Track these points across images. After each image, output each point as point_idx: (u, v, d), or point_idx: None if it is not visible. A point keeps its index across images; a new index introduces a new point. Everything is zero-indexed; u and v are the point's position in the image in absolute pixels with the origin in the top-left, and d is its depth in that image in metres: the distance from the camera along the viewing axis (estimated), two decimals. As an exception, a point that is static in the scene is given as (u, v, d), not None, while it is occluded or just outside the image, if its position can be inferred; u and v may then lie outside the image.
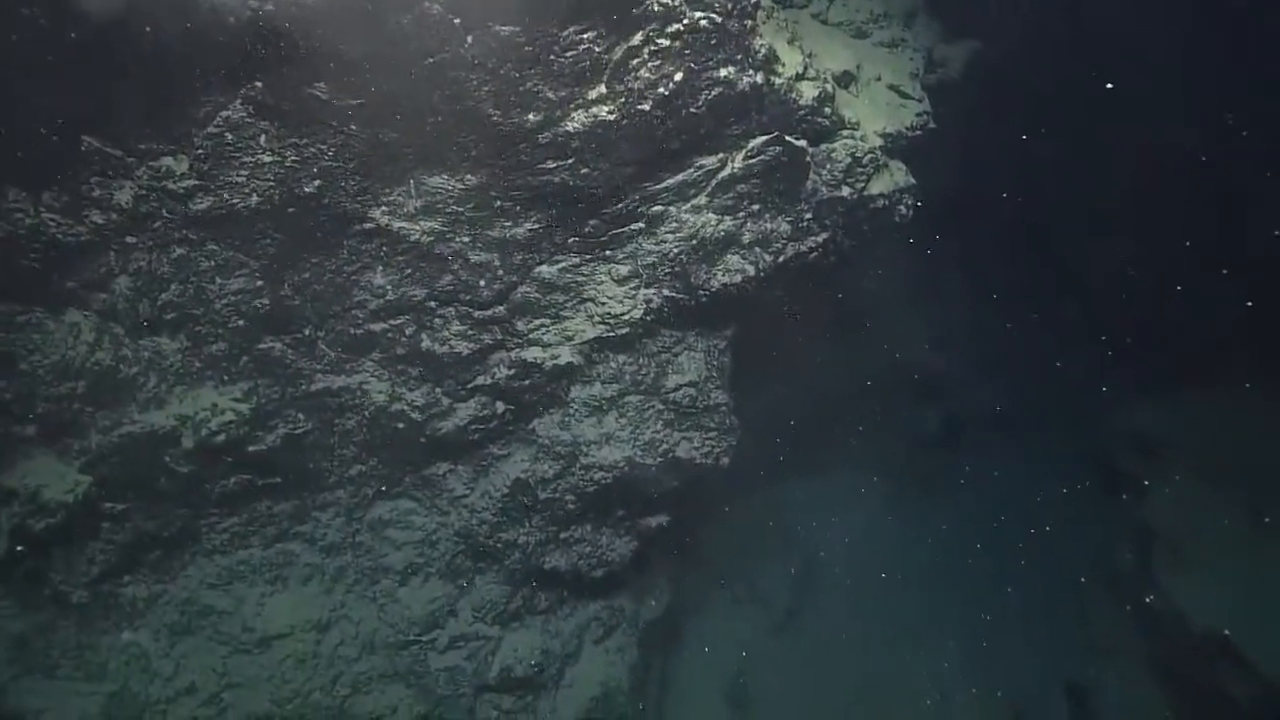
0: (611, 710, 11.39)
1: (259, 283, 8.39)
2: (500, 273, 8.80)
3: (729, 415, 10.07)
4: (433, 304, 8.96)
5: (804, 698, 13.42)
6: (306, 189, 7.86)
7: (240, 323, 8.54)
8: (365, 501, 10.25)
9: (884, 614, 14.56)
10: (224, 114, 7.28)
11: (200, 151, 7.44)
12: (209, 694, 9.64)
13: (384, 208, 8.29)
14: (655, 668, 12.63)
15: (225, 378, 8.88)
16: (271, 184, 7.71)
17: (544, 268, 8.95)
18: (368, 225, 8.33)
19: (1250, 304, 13.64)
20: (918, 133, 9.55)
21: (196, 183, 7.57)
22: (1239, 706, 11.76)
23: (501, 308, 9.06)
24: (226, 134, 7.36)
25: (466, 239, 8.59)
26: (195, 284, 8.18)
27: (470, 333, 9.17)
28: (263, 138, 7.44)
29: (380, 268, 8.59)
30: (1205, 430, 14.75)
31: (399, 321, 8.97)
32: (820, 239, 9.18)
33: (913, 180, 9.60)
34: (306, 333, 8.88)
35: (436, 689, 10.56)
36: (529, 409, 9.82)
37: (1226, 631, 12.09)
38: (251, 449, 9.26)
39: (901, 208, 9.48)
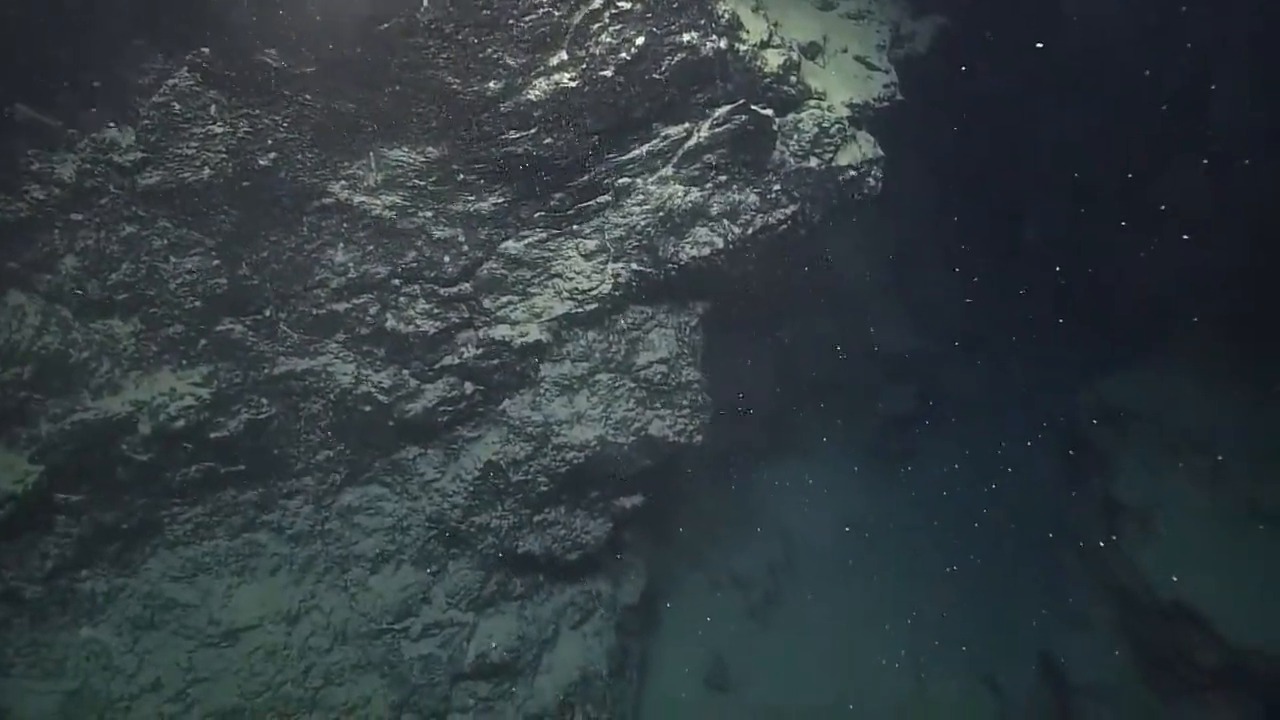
0: (590, 694, 11.13)
1: (215, 262, 8.00)
2: (465, 248, 8.48)
3: (701, 393, 9.84)
4: (396, 282, 8.62)
5: (784, 678, 13.27)
6: (261, 162, 7.49)
7: (197, 304, 8.14)
8: (333, 488, 9.89)
9: (861, 592, 14.51)
10: (170, 82, 6.89)
11: (146, 122, 7.04)
12: (175, 690, 9.23)
13: (343, 182, 7.94)
14: (634, 652, 12.38)
15: (183, 361, 8.47)
16: (224, 156, 7.33)
17: (510, 243, 8.64)
18: (327, 200, 7.98)
19: (1213, 276, 13.76)
20: (885, 104, 9.38)
21: (144, 155, 7.17)
22: (1203, 669, 11.82)
23: (467, 285, 8.74)
24: (174, 103, 6.97)
25: (429, 214, 8.26)
26: (147, 263, 7.76)
27: (436, 311, 8.84)
28: (213, 107, 7.06)
29: (341, 245, 8.24)
30: (1168, 401, 14.78)
31: (362, 300, 8.62)
32: (789, 211, 8.97)
33: (881, 152, 9.42)
34: (267, 314, 8.50)
35: (411, 678, 10.23)
36: (499, 389, 9.51)
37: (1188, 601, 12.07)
38: (213, 435, 8.87)
39: (870, 179, 9.30)
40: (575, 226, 8.69)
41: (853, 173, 9.07)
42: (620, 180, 8.46)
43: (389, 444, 9.75)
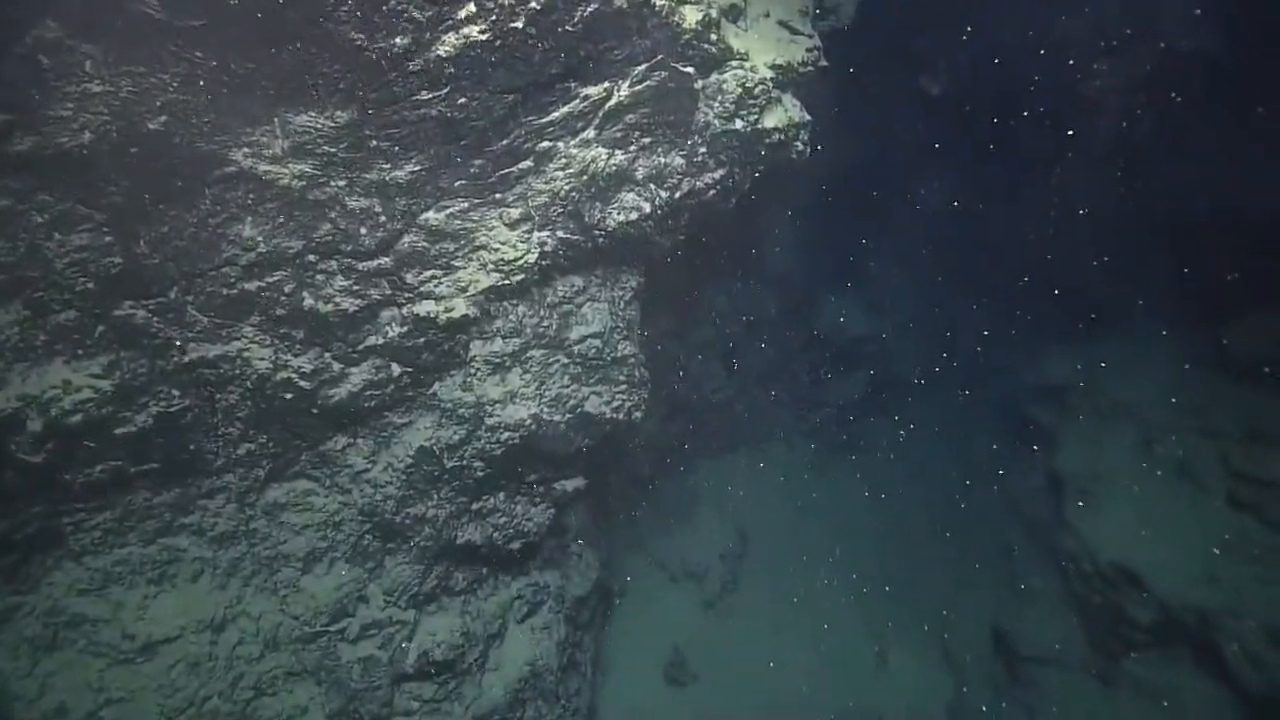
0: (542, 690, 10.37)
1: (108, 238, 7.15)
2: (382, 220, 7.80)
3: (638, 368, 9.28)
4: (312, 257, 7.87)
5: (744, 668, 12.70)
6: (151, 126, 6.72)
7: (89, 286, 7.27)
8: (257, 484, 9.00)
9: (816, 578, 14.09)
10: (33, 33, 6.11)
11: (11, 79, 6.22)
12: (84, 713, 8.20)
13: (246, 149, 7.20)
14: (588, 647, 11.64)
15: (79, 351, 7.56)
16: (106, 119, 6.54)
17: (430, 214, 7.99)
18: (229, 169, 7.23)
19: (1150, 254, 14.00)
20: (809, 69, 9.04)
21: (9, 118, 6.33)
22: (1140, 627, 11.84)
23: (387, 259, 8.05)
24: (40, 57, 6.18)
25: (342, 183, 7.57)
26: (27, 241, 6.89)
27: (356, 288, 8.11)
28: (88, 63, 6.29)
29: (249, 218, 7.48)
30: (1103, 375, 15.02)
31: (276, 278, 7.84)
32: (717, 175, 8.52)
33: (807, 116, 9.06)
34: (172, 296, 7.66)
35: (350, 683, 9.34)
36: (428, 370, 8.80)
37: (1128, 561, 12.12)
38: (119, 431, 7.95)
39: (798, 144, 8.93)
40: (498, 195, 8.09)
41: (779, 136, 8.68)
42: (541, 144, 7.91)
43: (315, 434, 8.93)
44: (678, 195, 8.38)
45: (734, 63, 8.40)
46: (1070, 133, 13.88)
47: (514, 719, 10.15)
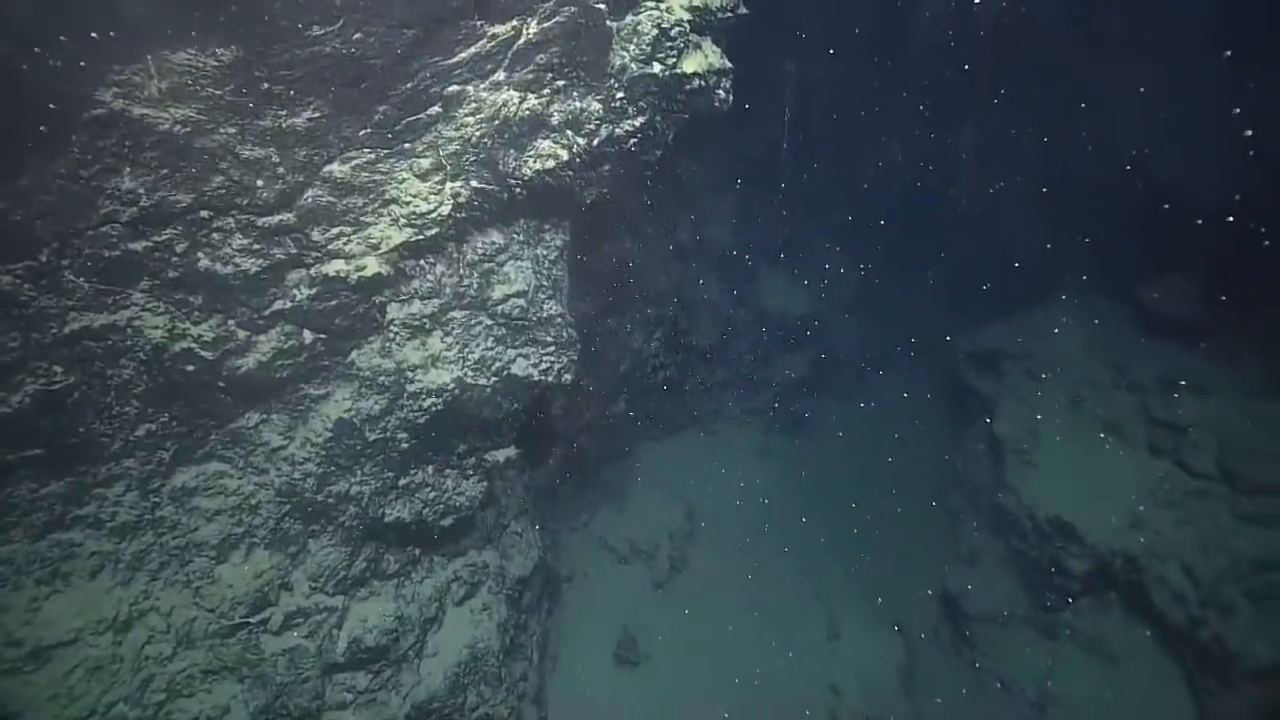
0: (484, 674, 9.57)
1: (-42, 193, 6.22)
2: (281, 171, 7.00)
3: (566, 328, 8.61)
4: (204, 213, 7.01)
5: (696, 647, 12.09)
6: (-1, 61, 5.83)
7: (-59, 248, 6.32)
8: (162, 468, 8.03)
9: (766, 555, 13.65)
10: None
11: None
12: (-36, 731, 7.13)
13: (116, 89, 6.34)
14: (534, 630, 10.87)
15: (-64, 324, 6.58)
16: (-55, 51, 5.67)
17: (334, 166, 7.23)
18: (99, 112, 6.35)
19: (1072, 224, 14.09)
20: (728, 15, 8.53)
21: None
22: (1076, 577, 11.92)
23: (290, 215, 7.24)
24: None
25: (233, 130, 6.75)
26: None
27: (257, 247, 7.27)
28: (-83, -15, 5.43)
29: (127, 168, 6.59)
30: (1035, 341, 15.28)
31: (165, 236, 6.94)
32: (637, 122, 7.95)
33: (728, 64, 8.55)
34: (44, 259, 6.72)
35: (275, 677, 8.41)
36: (343, 337, 7.99)
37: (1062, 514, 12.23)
38: (-8, 415, 6.95)
39: (720, 91, 8.42)
40: (406, 144, 7.37)
41: (699, 82, 8.16)
42: (449, 88, 7.23)
43: (224, 410, 8.02)
44: (596, 142, 7.77)
45: (649, 2, 7.86)
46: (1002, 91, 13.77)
47: (455, 705, 9.33)
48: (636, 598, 12.72)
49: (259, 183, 6.97)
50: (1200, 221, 11.78)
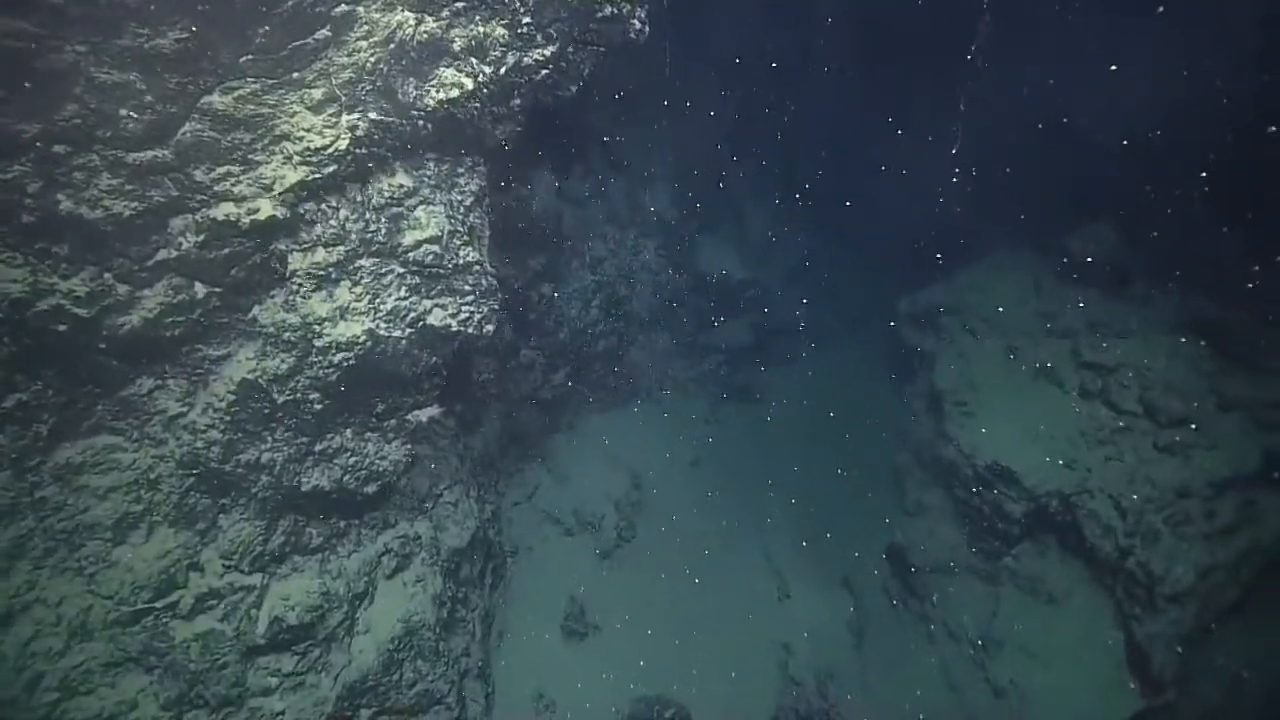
0: (420, 648, 8.79)
1: None
2: (150, 100, 6.13)
3: (485, 276, 7.90)
4: (59, 147, 6.08)
5: (645, 616, 11.51)
6: None
7: None
8: (39, 444, 7.04)
9: (716, 523, 13.13)
10: None
11: None
12: None
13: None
14: (475, 604, 10.11)
15: None
16: None
17: (215, 97, 6.39)
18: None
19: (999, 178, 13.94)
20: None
21: None
22: (1015, 521, 11.69)
23: (165, 151, 6.37)
24: None
25: (82, 49, 5.86)
26: None
27: (130, 188, 6.37)
28: None
29: (-46, 95, 5.65)
30: (969, 297, 15.15)
31: (11, 175, 5.99)
32: (548, 51, 7.29)
33: (641, -7, 7.99)
34: None
35: (189, 664, 7.51)
36: (242, 290, 7.13)
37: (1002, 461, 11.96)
38: None
39: (635, 22, 7.81)
40: (295, 73, 6.58)
41: (611, 9, 7.54)
42: (337, 8, 6.46)
43: (109, 376, 7.07)
44: (503, 71, 7.09)
45: (551, -77, 7.23)
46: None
47: (390, 683, 8.53)
48: (584, 569, 12.08)
49: (123, 112, 6.08)
50: (1116, 170, 11.74)
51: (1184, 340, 12.41)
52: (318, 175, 6.80)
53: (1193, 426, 11.32)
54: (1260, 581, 10.13)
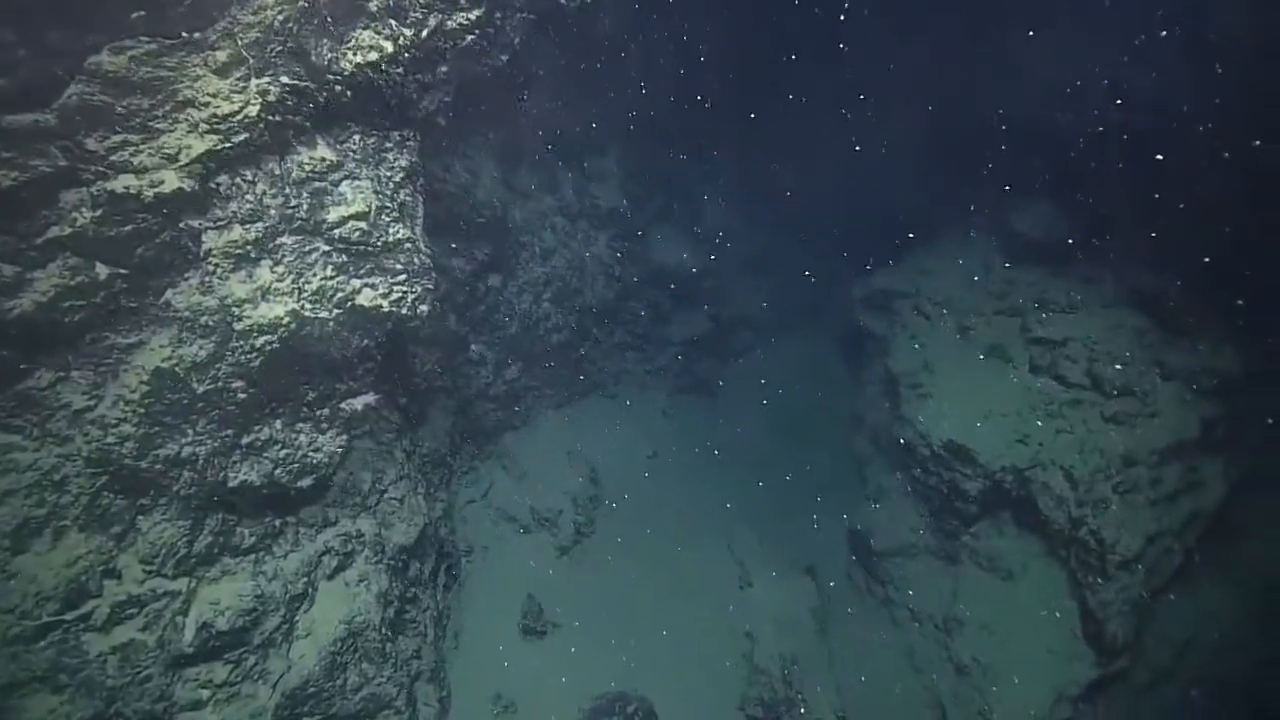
0: (365, 650, 8.17)
1: None
2: (22, 55, 5.49)
3: (418, 254, 7.38)
4: (-79, 111, 5.45)
5: (605, 612, 11.03)
6: None
7: None
8: (-76, 446, 6.33)
9: (676, 516, 12.71)
10: None
11: None
12: None
13: None
14: (427, 604, 9.51)
15: None
16: None
17: (105, 57, 5.78)
18: None
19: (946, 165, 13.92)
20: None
21: None
22: (972, 499, 11.64)
23: (49, 116, 5.72)
24: None
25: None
26: None
27: (9, 155, 5.73)
28: None
29: None
30: (922, 280, 15.09)
31: None
32: (473, 15, 6.81)
33: (572, -45, 7.59)
34: None
35: (105, 680, 6.79)
36: (151, 272, 6.48)
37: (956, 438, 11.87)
38: None
39: (564, -11, 7.45)
40: (197, 34, 6.01)
41: (539, -27, 7.17)
42: (239, -40, 5.96)
43: (5, 370, 6.40)
44: (425, 34, 6.58)
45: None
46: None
47: (334, 688, 7.90)
48: (541, 567, 11.53)
49: (-7, 71, 5.45)
50: (1061, 152, 11.82)
51: (1126, 312, 12.51)
52: (228, 145, 6.21)
53: (1137, 395, 11.37)
54: (1201, 545, 10.18)
